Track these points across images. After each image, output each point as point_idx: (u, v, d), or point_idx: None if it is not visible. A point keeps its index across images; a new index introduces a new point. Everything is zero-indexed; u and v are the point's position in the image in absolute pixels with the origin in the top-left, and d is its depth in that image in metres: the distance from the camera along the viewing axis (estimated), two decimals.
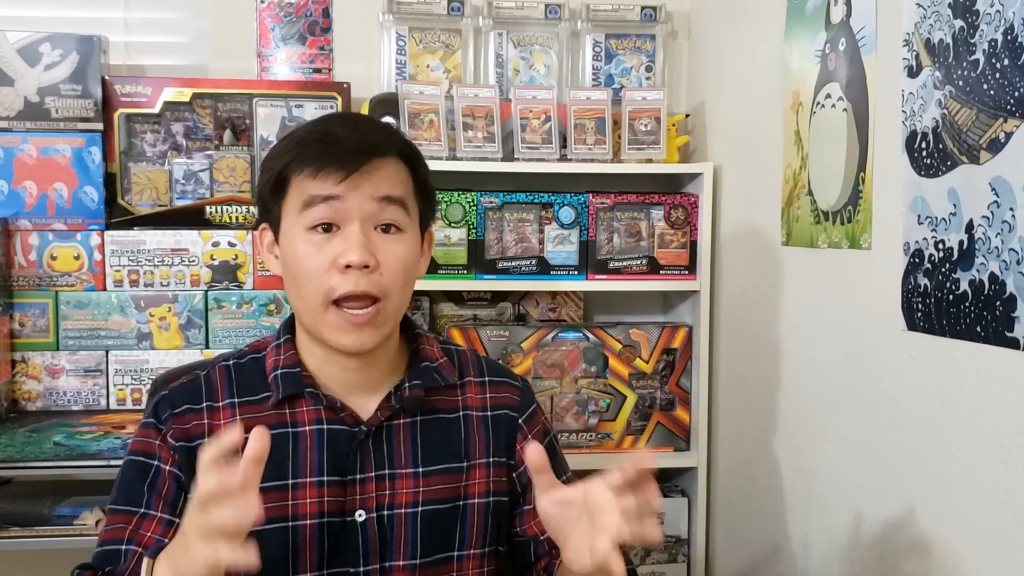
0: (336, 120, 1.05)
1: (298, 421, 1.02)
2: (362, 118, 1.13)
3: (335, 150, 0.97)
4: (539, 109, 1.92)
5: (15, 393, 1.85)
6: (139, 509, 0.98)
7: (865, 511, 1.31)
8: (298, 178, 0.99)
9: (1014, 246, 0.97)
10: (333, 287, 0.97)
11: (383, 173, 0.99)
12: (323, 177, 0.97)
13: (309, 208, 0.97)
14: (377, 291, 0.97)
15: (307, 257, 0.97)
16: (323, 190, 0.97)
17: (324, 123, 1.03)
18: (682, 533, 2.00)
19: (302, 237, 0.98)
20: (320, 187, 0.97)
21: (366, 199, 0.98)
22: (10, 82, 1.85)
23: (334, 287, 0.97)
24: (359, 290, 0.96)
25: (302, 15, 2.04)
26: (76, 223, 1.87)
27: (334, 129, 1.00)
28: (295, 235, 0.99)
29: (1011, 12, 0.98)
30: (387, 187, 0.99)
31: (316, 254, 0.97)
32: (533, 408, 1.14)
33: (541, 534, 1.10)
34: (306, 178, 0.98)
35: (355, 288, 0.96)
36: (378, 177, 0.98)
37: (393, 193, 0.99)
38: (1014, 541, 0.99)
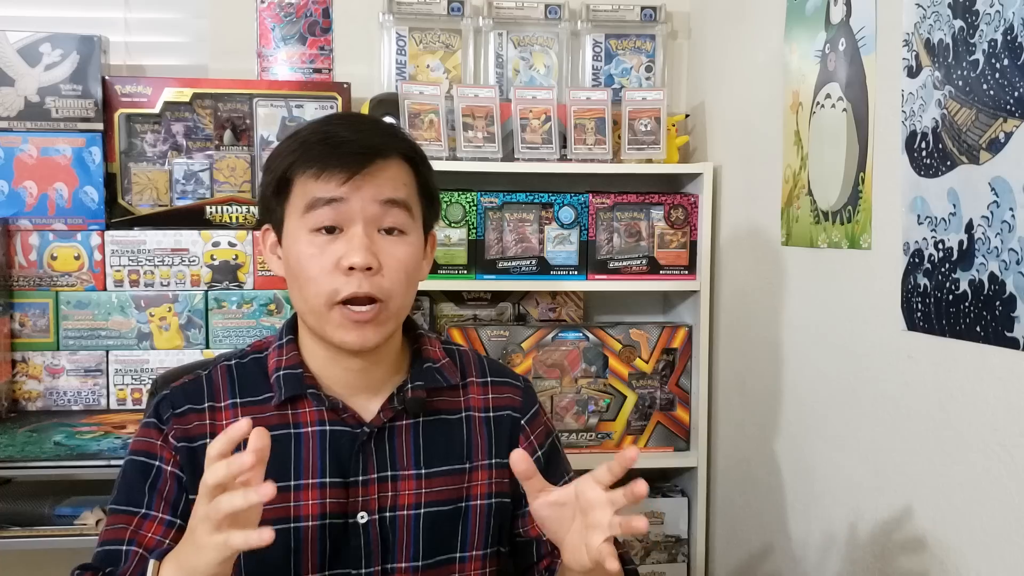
0: (339, 121, 1.05)
1: (300, 422, 1.02)
2: (366, 119, 1.13)
3: (338, 152, 0.97)
4: (539, 109, 1.92)
5: (15, 393, 1.85)
6: (140, 510, 0.98)
7: (864, 511, 1.31)
8: (301, 179, 0.99)
9: (1014, 246, 0.97)
10: (337, 289, 0.97)
11: (386, 175, 0.99)
12: (326, 179, 0.97)
13: (312, 210, 0.97)
14: (379, 293, 0.97)
15: (310, 259, 0.97)
16: (326, 192, 0.97)
17: (327, 124, 1.02)
18: (682, 533, 2.00)
19: (305, 239, 0.98)
20: (323, 189, 0.97)
21: (369, 201, 0.97)
22: (10, 82, 1.85)
23: (338, 289, 0.97)
24: (362, 292, 0.96)
25: (302, 15, 2.04)
26: (76, 223, 1.87)
27: (337, 130, 1.00)
28: (298, 237, 0.99)
29: (1011, 12, 0.98)
30: (390, 190, 0.99)
31: (319, 256, 0.97)
32: (535, 409, 1.14)
33: (542, 536, 1.10)
34: (309, 179, 0.98)
35: (358, 290, 0.96)
36: (381, 179, 0.98)
37: (396, 196, 0.99)
38: (1014, 541, 0.99)
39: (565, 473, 1.15)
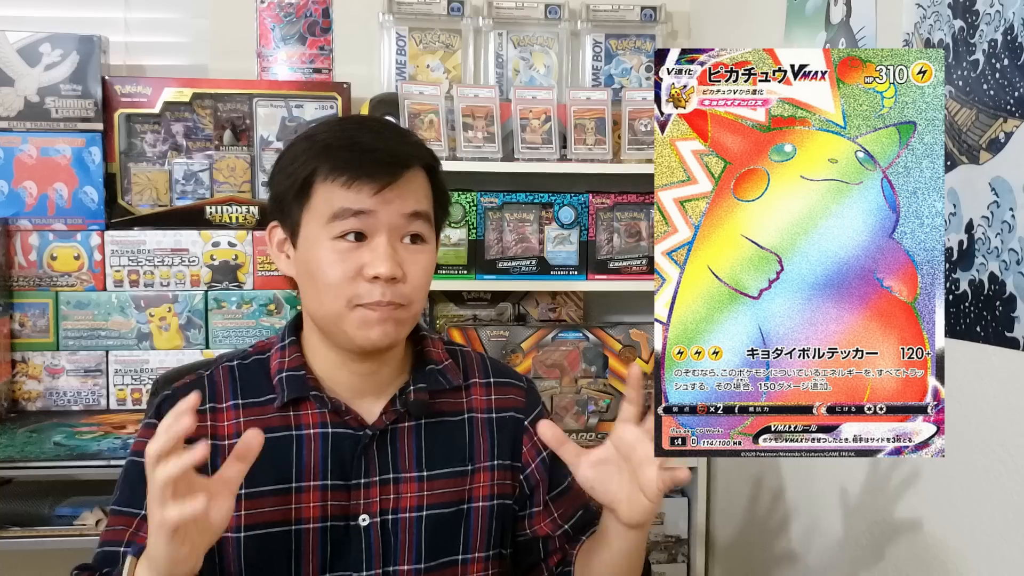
0: (360, 125, 1.03)
1: (303, 424, 1.02)
2: (387, 125, 1.11)
3: (367, 160, 0.96)
4: (539, 109, 1.92)
5: (15, 393, 1.85)
6: (140, 511, 0.98)
7: (865, 511, 1.31)
8: (326, 186, 0.97)
9: (1014, 246, 0.97)
10: (359, 294, 0.96)
11: (412, 187, 0.99)
12: (356, 189, 0.95)
13: (338, 219, 0.96)
14: (401, 300, 0.97)
15: (331, 265, 0.96)
16: (355, 203, 0.96)
17: (348, 128, 1.01)
18: (682, 533, 2.00)
19: (327, 245, 0.97)
20: (352, 199, 0.96)
21: (396, 214, 0.97)
22: (10, 82, 1.85)
23: (360, 295, 0.96)
24: (384, 300, 0.96)
25: (302, 15, 2.04)
26: (76, 223, 1.87)
27: (362, 137, 0.99)
28: (319, 242, 0.97)
29: (1011, 12, 0.98)
30: (414, 202, 0.99)
31: (341, 263, 0.96)
32: (539, 410, 1.14)
33: (553, 532, 1.10)
34: (337, 188, 0.96)
35: (380, 299, 0.96)
36: (407, 191, 0.98)
37: (420, 208, 0.99)
38: (1014, 541, 0.99)
39: (568, 473, 1.14)
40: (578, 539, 1.09)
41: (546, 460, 1.10)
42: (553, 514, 1.11)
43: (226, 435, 1.01)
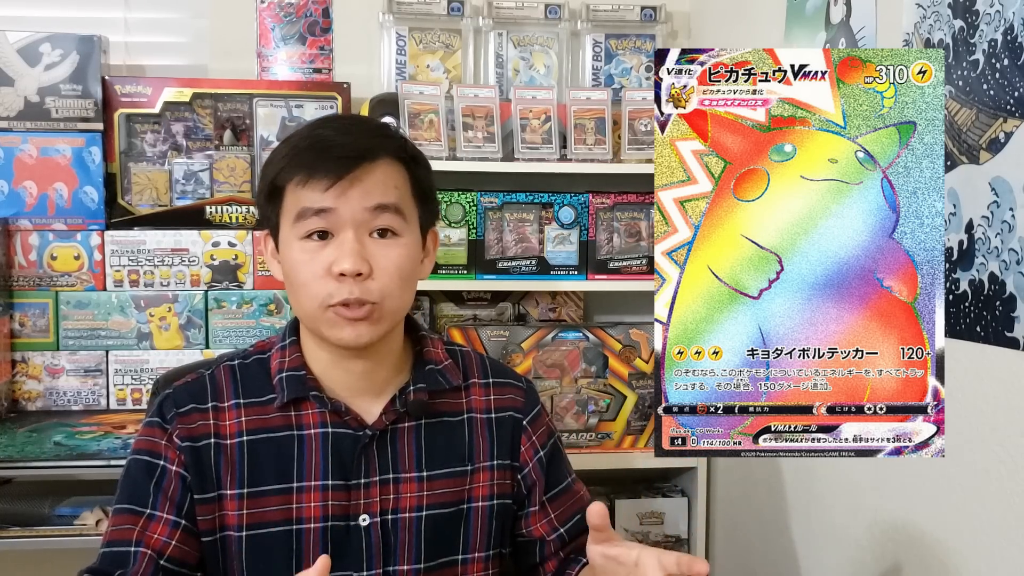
0: (331, 124, 1.04)
1: (303, 424, 1.02)
2: (358, 120, 1.12)
3: (324, 156, 0.96)
4: (539, 109, 1.92)
5: (15, 393, 1.85)
6: (146, 510, 0.98)
7: (865, 511, 1.31)
8: (291, 187, 0.98)
9: (1014, 246, 0.97)
10: (330, 293, 0.96)
11: (374, 179, 0.98)
12: (312, 186, 0.96)
13: (302, 219, 0.97)
14: (371, 297, 0.97)
15: (302, 265, 0.97)
16: (314, 202, 0.96)
17: (318, 127, 1.02)
18: (682, 533, 2.00)
19: (297, 245, 0.98)
20: (310, 197, 0.96)
21: (358, 209, 0.97)
22: (10, 82, 1.85)
23: (331, 293, 0.96)
24: (353, 298, 0.96)
25: (302, 15, 2.04)
26: (76, 223, 1.87)
27: (327, 134, 0.99)
28: (291, 244, 0.99)
29: (1011, 12, 0.98)
30: (379, 195, 0.98)
31: (310, 262, 0.97)
32: (537, 410, 1.14)
33: (548, 535, 1.10)
34: (297, 187, 0.97)
35: (349, 296, 0.96)
36: (369, 184, 0.97)
37: (385, 200, 0.98)
38: (1014, 541, 0.99)
39: (567, 475, 1.15)
40: (573, 546, 1.10)
41: (543, 460, 1.11)
42: (550, 515, 1.11)
43: (228, 434, 1.01)
